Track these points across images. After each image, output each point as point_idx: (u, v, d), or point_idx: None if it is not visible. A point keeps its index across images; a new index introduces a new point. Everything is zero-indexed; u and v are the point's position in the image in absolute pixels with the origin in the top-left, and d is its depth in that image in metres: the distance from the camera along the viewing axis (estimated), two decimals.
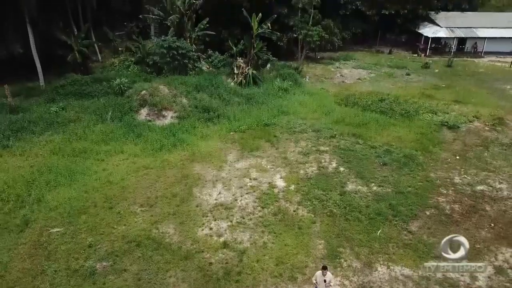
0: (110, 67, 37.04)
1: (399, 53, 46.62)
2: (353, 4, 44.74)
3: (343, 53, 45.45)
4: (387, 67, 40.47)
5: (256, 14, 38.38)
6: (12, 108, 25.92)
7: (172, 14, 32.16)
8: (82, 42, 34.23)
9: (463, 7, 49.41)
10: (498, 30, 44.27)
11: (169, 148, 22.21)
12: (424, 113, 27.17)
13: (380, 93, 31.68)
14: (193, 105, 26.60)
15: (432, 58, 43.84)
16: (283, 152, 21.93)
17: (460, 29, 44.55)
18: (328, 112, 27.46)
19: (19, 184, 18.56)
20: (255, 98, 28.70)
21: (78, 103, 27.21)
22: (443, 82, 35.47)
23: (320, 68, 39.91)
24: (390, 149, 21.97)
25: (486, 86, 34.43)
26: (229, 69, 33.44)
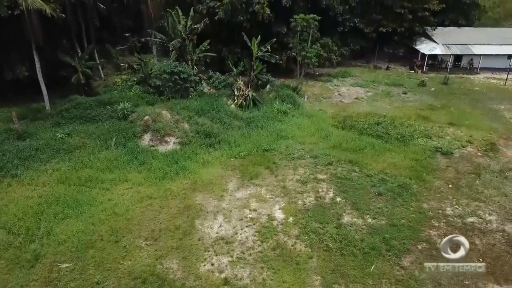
0: (113, 86, 37.83)
1: (396, 69, 47.44)
2: (351, 22, 45.60)
3: (341, 69, 46.30)
4: (384, 84, 41.29)
5: (255, 33, 39.42)
6: (19, 134, 26.70)
7: (173, 38, 32.97)
8: (85, 64, 35.06)
9: (459, 22, 50.27)
10: (494, 47, 45.06)
11: (172, 176, 23.02)
12: (419, 138, 27.97)
13: (376, 115, 32.53)
14: (195, 130, 27.42)
15: (429, 75, 44.69)
16: (282, 180, 22.73)
17: (456, 46, 45.36)
18: (325, 136, 28.26)
19: (28, 216, 19.36)
20: (255, 122, 29.51)
21: (83, 128, 28.03)
22: (438, 102, 36.28)
23: (319, 86, 40.73)
24: (385, 178, 22.76)
25: (481, 106, 35.23)
26: (230, 90, 34.26)
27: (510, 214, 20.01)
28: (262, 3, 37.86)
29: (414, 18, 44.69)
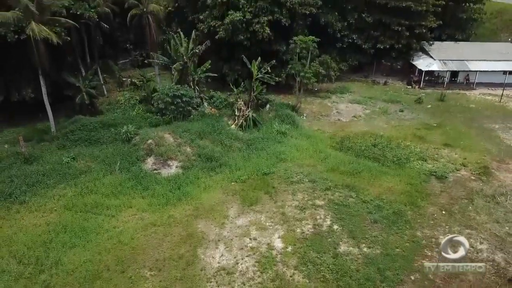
0: (116, 104, 38.69)
1: (394, 84, 48.22)
2: (349, 38, 46.44)
3: (340, 83, 47.07)
4: (382, 101, 42.08)
5: (255, 51, 40.41)
6: (26, 158, 27.50)
7: (176, 59, 33.80)
8: (89, 84, 35.93)
9: (456, 37, 51.09)
10: (489, 63, 45.85)
11: (174, 202, 23.83)
12: (414, 160, 28.78)
13: (374, 134, 33.36)
14: (197, 153, 28.22)
15: (426, 91, 45.51)
16: (281, 206, 23.52)
17: (453, 61, 46.15)
18: (324, 158, 29.07)
19: (37, 245, 20.18)
20: (255, 143, 30.31)
21: (88, 150, 28.82)
22: (435, 120, 37.07)
23: (317, 103, 41.53)
24: (381, 204, 23.55)
25: (476, 125, 36.01)
26: (231, 110, 35.09)
27: (500, 242, 20.81)
28: (262, 23, 38.69)
29: (411, 35, 45.50)
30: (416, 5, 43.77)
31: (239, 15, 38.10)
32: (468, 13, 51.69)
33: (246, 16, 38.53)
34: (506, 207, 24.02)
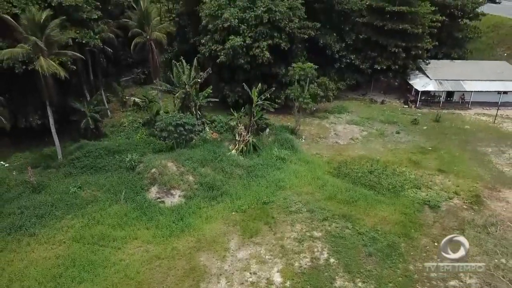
0: (120, 127, 39.70)
1: (391, 103, 49.23)
2: (347, 58, 47.50)
3: (338, 102, 48.06)
4: (379, 122, 43.10)
5: (255, 74, 41.54)
6: (35, 187, 28.54)
7: (178, 86, 34.86)
8: (94, 109, 36.98)
9: (452, 56, 52.14)
10: (484, 83, 46.84)
11: (178, 233, 24.88)
12: (409, 188, 29.82)
13: (370, 159, 34.40)
14: (199, 182, 29.25)
15: (422, 110, 46.56)
16: (280, 238, 24.56)
17: (448, 81, 47.16)
18: (321, 185, 30.10)
19: (47, 279, 21.23)
20: (255, 170, 31.32)
21: (94, 179, 29.84)
22: (430, 143, 38.09)
23: (316, 124, 42.55)
24: (375, 236, 24.59)
25: (470, 148, 37.02)
26: (231, 135, 36.14)
27: (488, 276, 21.82)
28: (262, 47, 39.70)
29: (408, 56, 46.54)
30: (413, 27, 44.81)
31: (240, 40, 39.13)
32: (464, 32, 52.79)
33: (246, 41, 39.53)
34: (496, 238, 25.07)
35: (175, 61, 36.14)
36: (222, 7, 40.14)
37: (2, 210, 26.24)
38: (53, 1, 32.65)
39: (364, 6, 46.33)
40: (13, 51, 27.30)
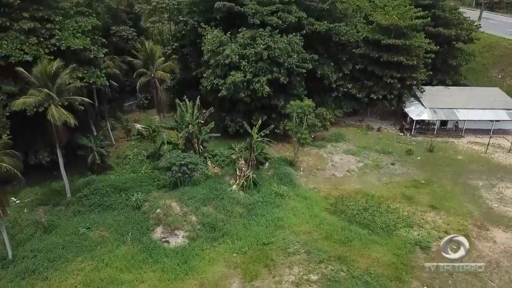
0: (125, 159, 41.16)
1: (387, 130, 50.69)
2: (344, 87, 49.03)
3: (335, 129, 49.55)
4: (375, 151, 44.59)
5: (255, 106, 43.12)
6: (46, 227, 30.07)
7: (182, 124, 36.40)
8: (100, 144, 38.51)
9: (446, 82, 53.68)
10: (477, 111, 48.27)
11: (182, 277, 26.45)
12: (401, 228, 31.36)
13: (365, 194, 35.94)
14: (201, 222, 30.79)
15: (417, 138, 48.08)
16: (279, 281, 26.15)
17: (442, 110, 48.65)
18: (318, 224, 31.66)
19: None
20: (255, 209, 32.84)
21: (102, 218, 31.39)
22: (423, 175, 39.58)
23: (314, 154, 44.03)
24: (368, 280, 26.14)
25: (461, 181, 38.49)
26: (232, 169, 37.66)
27: None
28: (262, 82, 41.21)
29: (403, 86, 48.07)
30: (407, 59, 46.35)
31: (240, 75, 40.64)
32: (458, 59, 54.35)
33: (246, 76, 41.07)
34: (483, 281, 26.57)
35: (178, 100, 37.64)
36: (223, 43, 41.63)
37: (16, 253, 27.75)
38: (62, 45, 34.17)
39: (361, 38, 47.80)
40: (26, 101, 28.80)
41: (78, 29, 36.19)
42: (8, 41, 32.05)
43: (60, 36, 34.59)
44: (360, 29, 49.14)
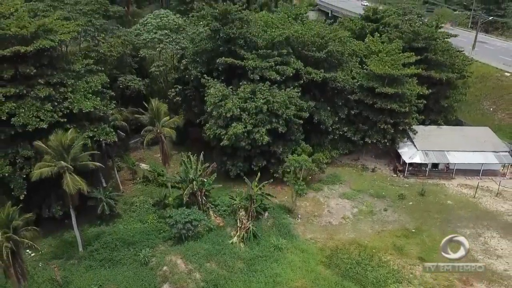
0: (132, 206, 43.50)
1: (381, 170, 52.98)
2: (340, 131, 51.39)
3: (332, 169, 51.87)
4: (369, 195, 46.94)
5: (255, 153, 45.49)
6: (60, 285, 32.45)
7: (185, 179, 38.80)
8: (109, 195, 40.87)
9: (438, 122, 56.09)
10: (467, 154, 50.54)
11: None
12: (391, 284, 33.70)
13: (359, 245, 38.29)
14: (205, 279, 33.12)
15: (409, 180, 50.42)
16: None
17: (434, 152, 50.97)
18: (314, 279, 34.04)
19: None
20: (254, 264, 35.15)
21: (112, 275, 33.73)
22: (414, 223, 41.90)
23: (311, 199, 46.34)
24: None
25: (450, 229, 40.60)
26: (233, 220, 40.04)
27: None
28: (262, 132, 43.58)
29: (396, 131, 50.45)
30: (400, 105, 48.71)
31: (241, 127, 42.97)
32: (450, 100, 56.68)
33: (247, 127, 43.42)
34: None
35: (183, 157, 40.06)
36: (225, 96, 44.01)
37: None
38: (74, 108, 36.54)
39: (356, 85, 50.16)
40: (42, 171, 31.17)
41: (88, 90, 38.56)
42: (26, 108, 34.39)
43: (73, 99, 36.93)
44: (356, 74, 51.50)
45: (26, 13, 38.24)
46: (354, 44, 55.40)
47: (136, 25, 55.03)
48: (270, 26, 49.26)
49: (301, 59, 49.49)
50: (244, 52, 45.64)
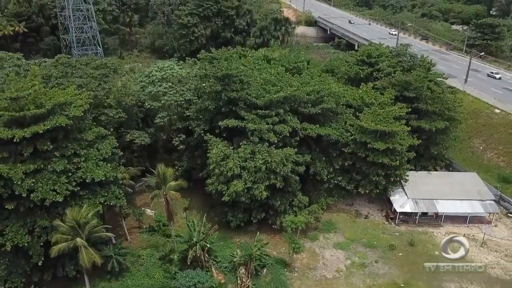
0: (139, 260, 46.46)
1: (374, 217, 56.02)
2: (335, 180, 54.39)
3: (327, 215, 54.88)
4: (362, 245, 49.96)
5: (254, 207, 48.51)
6: None
7: (189, 241, 41.82)
8: (119, 252, 43.88)
9: (428, 168, 59.12)
10: (455, 203, 53.47)
11: None
12: None
13: None
14: None
15: (400, 228, 53.45)
16: None
17: (423, 200, 53.97)
18: None
19: None
20: None
21: None
22: (403, 277, 44.87)
23: (307, 249, 49.30)
24: None
25: (436, 283, 43.55)
26: (234, 277, 43.04)
27: None
28: (261, 189, 46.58)
29: (388, 182, 53.48)
30: (392, 159, 51.68)
31: (241, 185, 45.98)
32: (439, 147, 59.67)
33: (247, 184, 46.45)
34: None
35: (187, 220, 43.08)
36: (227, 156, 47.02)
37: None
38: (87, 178, 39.52)
39: (350, 139, 53.13)
40: (60, 247, 34.19)
41: (99, 157, 41.56)
42: (43, 182, 37.38)
43: (85, 168, 39.91)
44: (349, 127, 54.43)
45: (42, 87, 41.24)
46: (349, 95, 58.31)
47: (141, 76, 57.95)
48: (268, 83, 52.17)
49: (297, 114, 52.53)
50: (244, 113, 48.61)
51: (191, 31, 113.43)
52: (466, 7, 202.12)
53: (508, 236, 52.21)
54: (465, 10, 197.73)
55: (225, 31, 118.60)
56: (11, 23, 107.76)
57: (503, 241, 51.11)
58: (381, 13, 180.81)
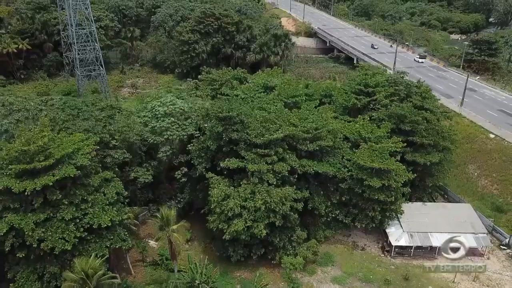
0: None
1: (370, 248, 57.76)
2: (333, 213, 56.14)
3: (325, 247, 56.58)
4: (358, 279, 51.71)
5: (254, 243, 50.22)
6: None
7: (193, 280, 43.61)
8: (125, 286, 45.68)
9: (424, 200, 60.88)
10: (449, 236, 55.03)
11: None
12: None
13: None
14: None
15: (396, 261, 55.19)
16: None
17: (418, 234, 55.69)
18: None
19: None
20: None
21: None
22: None
23: (305, 284, 51.02)
24: None
25: None
26: None
27: None
28: (260, 228, 48.30)
29: (384, 216, 55.23)
30: (387, 195, 53.39)
31: (242, 224, 47.71)
32: (434, 179, 61.38)
33: (247, 223, 48.18)
34: None
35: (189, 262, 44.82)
36: (227, 195, 48.74)
37: None
38: (94, 224, 41.22)
39: (347, 175, 54.82)
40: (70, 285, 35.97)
41: (105, 202, 43.25)
42: (53, 231, 39.07)
43: (92, 214, 41.59)
44: (346, 162, 56.09)
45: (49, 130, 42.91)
46: (346, 130, 59.93)
47: (144, 110, 59.59)
48: (267, 121, 53.79)
49: (296, 150, 54.22)
50: (244, 153, 50.30)
51: (192, 48, 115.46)
52: (465, 16, 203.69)
53: (500, 269, 53.90)
54: (463, 20, 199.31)
55: (226, 47, 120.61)
56: (15, 41, 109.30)
57: (495, 275, 52.77)
58: (380, 23, 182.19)
